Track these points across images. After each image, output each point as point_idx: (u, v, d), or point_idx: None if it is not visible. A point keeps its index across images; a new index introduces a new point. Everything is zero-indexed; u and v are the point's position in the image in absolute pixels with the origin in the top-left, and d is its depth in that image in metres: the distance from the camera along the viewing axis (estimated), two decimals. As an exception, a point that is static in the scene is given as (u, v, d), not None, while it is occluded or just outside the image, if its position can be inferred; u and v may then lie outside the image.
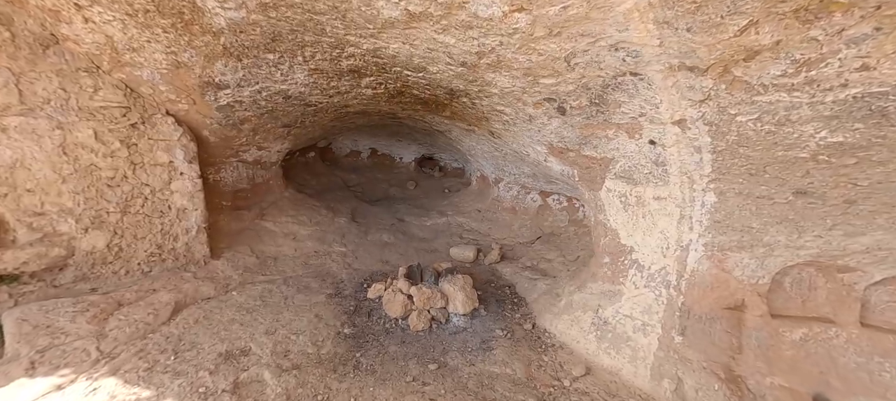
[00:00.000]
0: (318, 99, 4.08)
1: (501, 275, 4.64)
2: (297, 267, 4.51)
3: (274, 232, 5.00)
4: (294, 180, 6.74)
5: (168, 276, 3.69)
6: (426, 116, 4.97)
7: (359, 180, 8.48)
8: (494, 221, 5.96)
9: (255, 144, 4.83)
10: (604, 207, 3.00)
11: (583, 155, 2.90)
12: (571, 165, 3.17)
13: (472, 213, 6.32)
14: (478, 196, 6.70)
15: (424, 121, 5.50)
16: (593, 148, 2.77)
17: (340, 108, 4.63)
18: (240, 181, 4.88)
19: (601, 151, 2.74)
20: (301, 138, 5.70)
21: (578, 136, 2.79)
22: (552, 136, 3.00)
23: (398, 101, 4.10)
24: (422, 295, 3.51)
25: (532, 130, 3.13)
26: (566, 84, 2.29)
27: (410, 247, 5.38)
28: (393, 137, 8.76)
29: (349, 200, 6.84)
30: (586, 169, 3.00)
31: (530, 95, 2.58)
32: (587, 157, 2.89)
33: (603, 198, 2.96)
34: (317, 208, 5.80)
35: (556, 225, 5.39)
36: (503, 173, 5.76)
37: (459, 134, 5.51)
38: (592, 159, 2.87)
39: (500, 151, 4.96)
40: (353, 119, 5.66)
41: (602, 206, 3.03)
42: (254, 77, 3.52)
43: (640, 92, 2.10)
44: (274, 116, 4.37)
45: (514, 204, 5.85)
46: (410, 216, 6.46)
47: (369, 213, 6.49)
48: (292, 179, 6.80)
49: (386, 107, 4.58)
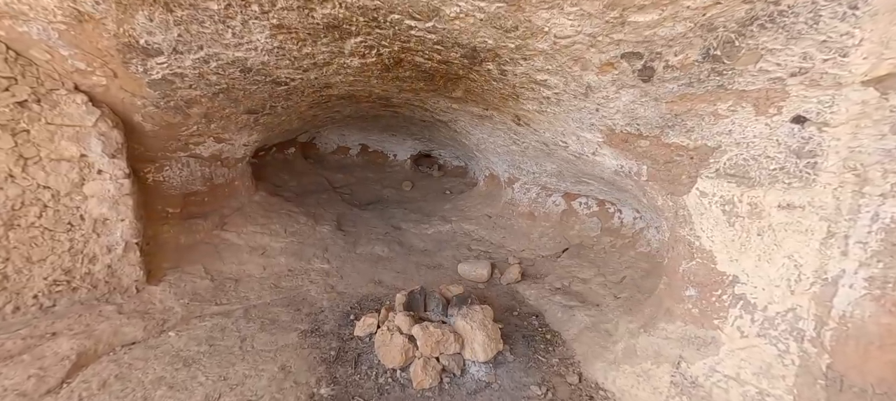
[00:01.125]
0: (288, 74, 3.16)
1: (524, 299, 3.77)
2: (264, 292, 3.59)
3: (237, 246, 4.06)
4: (269, 181, 5.80)
5: (79, 312, 2.75)
6: (429, 100, 4.08)
7: (347, 181, 7.56)
8: (509, 228, 5.09)
9: (211, 135, 3.89)
10: (690, 219, 2.15)
11: (664, 143, 2.05)
12: (639, 158, 2.31)
13: (480, 219, 5.45)
14: (487, 199, 5.83)
15: (425, 108, 4.61)
16: (685, 132, 1.92)
17: (320, 89, 3.72)
18: (192, 182, 3.94)
19: (697, 137, 1.89)
20: (274, 130, 4.78)
21: (662, 114, 1.93)
22: (617, 116, 2.14)
23: (395, 77, 3.20)
24: (428, 338, 2.62)
25: (585, 110, 2.27)
26: (675, 23, 1.43)
27: (409, 262, 4.49)
28: (386, 130, 7.86)
29: (335, 205, 5.92)
30: (666, 164, 2.15)
31: (600, 49, 1.71)
32: (671, 146, 2.03)
33: (690, 205, 2.11)
34: (294, 215, 4.87)
35: (586, 234, 4.55)
36: (520, 172, 4.90)
37: (468, 124, 4.64)
38: (679, 149, 2.01)
39: (520, 144, 4.10)
40: (337, 106, 4.75)
41: (687, 216, 2.17)
42: (195, 38, 2.60)
43: (820, 26, 1.24)
44: (232, 98, 3.44)
45: (532, 208, 4.99)
46: (408, 223, 5.57)
47: (359, 219, 5.58)
48: (266, 179, 5.86)
49: (378, 87, 3.68)
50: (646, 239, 3.69)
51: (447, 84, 3.14)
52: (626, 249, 3.87)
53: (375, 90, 3.90)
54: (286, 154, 6.85)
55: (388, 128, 7.64)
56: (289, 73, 3.16)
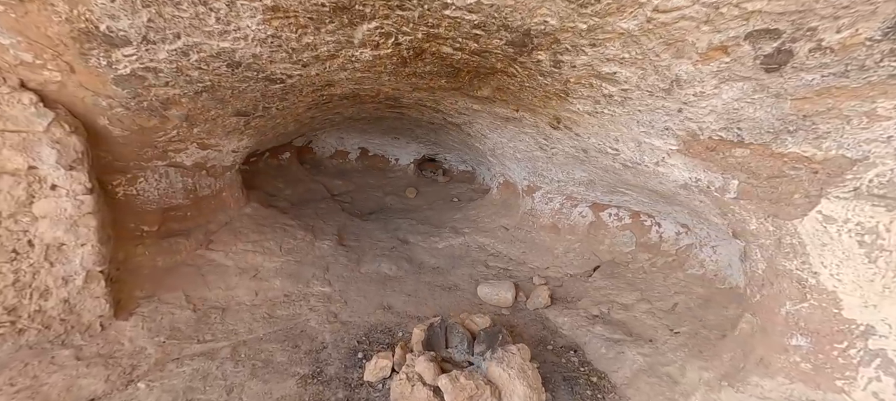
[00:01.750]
0: (284, 70, 2.69)
1: (557, 328, 3.31)
2: (256, 323, 3.10)
3: (225, 267, 3.56)
4: (261, 190, 5.30)
5: (26, 360, 2.24)
6: (445, 100, 3.62)
7: (347, 188, 7.07)
8: (529, 242, 4.63)
9: (194, 141, 3.40)
10: (804, 250, 1.70)
11: (773, 153, 1.60)
12: (729, 171, 1.86)
13: (496, 231, 4.99)
14: (502, 208, 5.37)
15: (437, 109, 4.15)
16: (812, 140, 1.47)
17: (321, 88, 3.24)
18: (172, 194, 3.43)
19: (832, 146, 1.45)
20: (268, 134, 4.29)
21: (781, 116, 1.48)
22: (710, 118, 1.69)
23: (412, 72, 2.74)
24: (459, 392, 2.15)
25: (660, 111, 1.83)
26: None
27: (421, 282, 4.01)
28: (388, 133, 7.39)
29: (335, 215, 5.43)
30: (771, 180, 1.70)
31: (717, 26, 1.26)
32: (786, 156, 1.58)
33: (806, 232, 1.66)
34: (290, 229, 4.38)
35: (618, 250, 4.10)
36: (541, 180, 4.46)
37: (486, 127, 4.18)
38: (798, 161, 1.57)
39: (548, 150, 3.65)
40: (339, 107, 4.28)
41: (797, 247, 1.72)
42: (169, 24, 2.12)
43: None
44: (218, 98, 2.96)
45: (555, 220, 4.54)
46: (416, 235, 5.09)
47: (362, 232, 5.09)
48: (259, 188, 5.36)
49: (389, 85, 3.21)
50: (697, 259, 3.26)
51: (474, 81, 2.68)
52: (671, 270, 3.43)
53: (385, 89, 3.43)
54: (281, 160, 6.36)
55: (390, 130, 7.17)
56: (285, 69, 2.68)
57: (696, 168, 1.98)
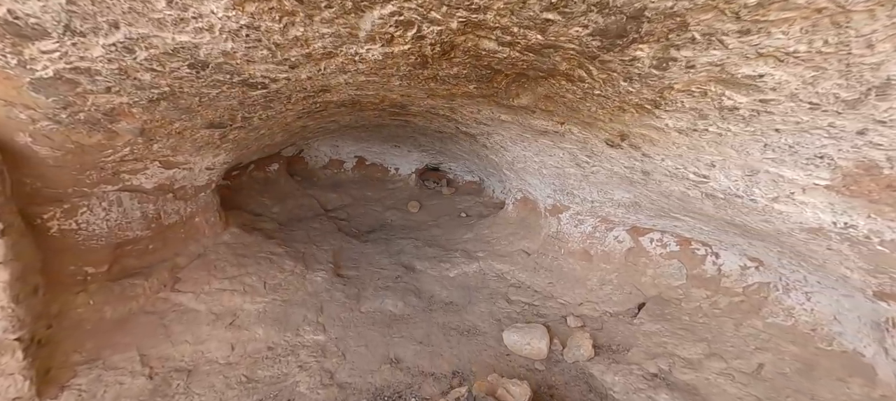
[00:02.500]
0: (267, 72, 2.08)
1: (607, 391, 2.72)
2: (230, 391, 2.47)
3: (194, 314, 2.93)
4: (243, 210, 4.66)
5: None
6: (464, 108, 3.04)
7: (342, 201, 6.45)
8: (556, 271, 4.05)
9: (155, 159, 2.77)
10: None
11: None
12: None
13: (515, 256, 4.40)
14: (519, 228, 4.79)
15: (451, 118, 3.57)
16: None
17: (314, 94, 2.65)
18: (127, 226, 2.80)
19: None
20: (250, 146, 3.67)
21: None
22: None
23: (431, 75, 2.15)
24: None
25: (822, 130, 1.28)
26: None
27: (433, 324, 3.41)
28: (388, 141, 6.79)
29: (330, 237, 4.80)
30: None
31: None
32: None
33: None
34: (277, 259, 3.75)
35: (664, 283, 3.53)
36: (571, 200, 3.89)
37: (508, 139, 3.61)
38: None
39: (585, 167, 3.08)
40: (334, 115, 3.68)
41: None
42: (101, 8, 1.53)
43: None
44: (183, 108, 2.34)
45: (586, 245, 3.97)
46: (423, 261, 4.48)
47: (361, 257, 4.48)
48: (241, 206, 4.72)
49: (398, 91, 2.62)
50: (781, 306, 2.69)
51: (512, 87, 2.10)
52: (744, 315, 2.86)
53: (392, 96, 2.83)
54: (268, 172, 5.72)
55: (391, 138, 6.57)
56: (267, 71, 2.08)
57: (853, 211, 1.43)
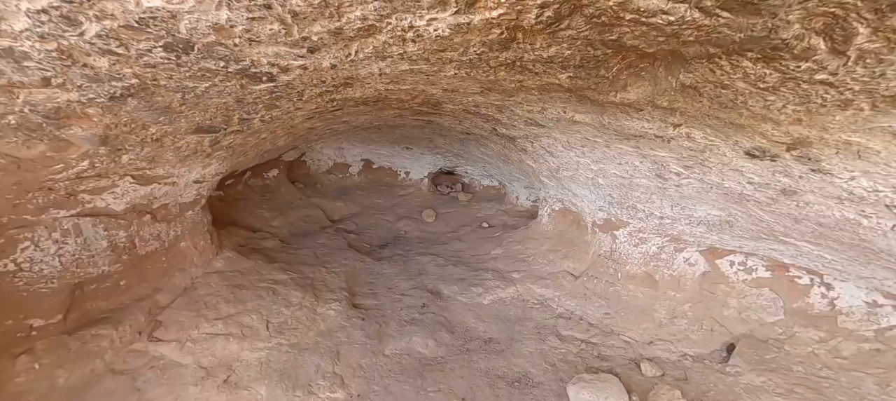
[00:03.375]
0: (278, 58, 1.49)
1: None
2: (227, 486, 1.88)
3: (179, 370, 2.33)
4: (239, 226, 4.05)
5: None
6: (525, 104, 2.45)
7: (350, 210, 5.85)
8: (613, 299, 3.48)
9: (126, 173, 2.16)
10: None
11: None
12: None
13: (559, 278, 3.82)
14: (558, 244, 4.21)
15: (494, 117, 2.98)
16: None
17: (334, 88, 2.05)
18: (89, 261, 2.18)
19: None
20: (248, 153, 3.06)
21: None
22: None
23: (510, 60, 1.56)
24: None
25: None
26: None
27: (474, 370, 2.83)
28: (399, 142, 6.19)
29: (340, 255, 4.20)
30: None
31: None
32: None
33: None
34: (281, 289, 3.15)
35: (755, 318, 2.97)
36: (632, 214, 3.31)
37: (561, 144, 3.03)
38: None
39: (670, 179, 2.50)
40: (350, 115, 3.08)
41: None
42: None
43: None
44: (160, 108, 1.74)
45: (649, 269, 3.40)
46: (450, 283, 3.90)
47: (378, 280, 3.88)
48: (237, 222, 4.11)
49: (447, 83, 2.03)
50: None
51: (626, 74, 1.51)
52: (887, 371, 2.29)
53: (432, 89, 2.24)
54: (266, 179, 5.11)
55: (403, 139, 5.97)
56: (277, 57, 1.48)
57: None
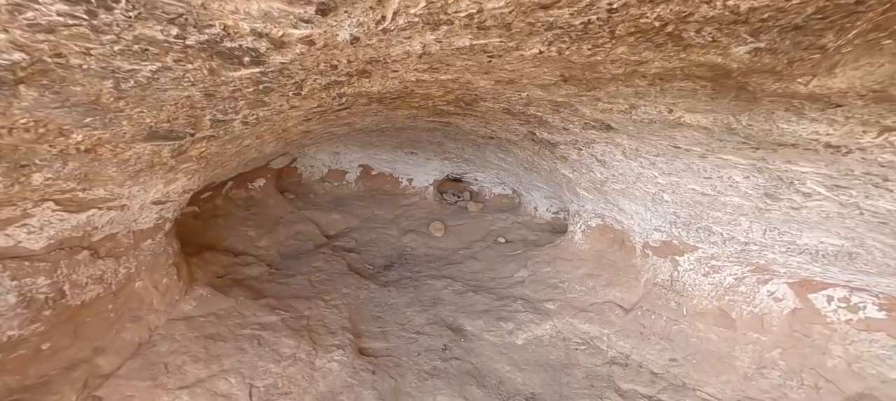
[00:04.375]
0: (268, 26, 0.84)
1: None
2: None
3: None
4: (217, 247, 3.38)
5: None
6: (600, 100, 1.86)
7: (348, 224, 5.20)
8: (679, 340, 2.90)
9: (42, 197, 1.50)
10: None
11: None
12: None
13: (604, 312, 3.24)
14: (599, 268, 3.63)
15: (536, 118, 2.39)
16: None
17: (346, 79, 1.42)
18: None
19: None
20: (227, 164, 2.41)
21: None
22: None
23: (658, 29, 0.94)
24: None
25: None
26: None
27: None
28: (403, 146, 5.57)
29: (339, 282, 3.56)
30: None
31: None
32: None
33: None
34: (269, 335, 2.50)
35: (874, 372, 2.42)
36: (702, 236, 2.75)
37: (618, 152, 2.45)
38: None
39: (781, 199, 1.94)
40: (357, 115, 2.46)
41: None
42: None
43: None
44: (81, 103, 1.09)
45: (723, 303, 2.83)
46: (473, 316, 3.29)
47: (386, 313, 3.25)
48: (213, 243, 3.44)
49: (512, 70, 1.42)
50: None
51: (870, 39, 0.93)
52: None
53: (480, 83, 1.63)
54: (251, 189, 4.43)
55: (408, 144, 5.35)
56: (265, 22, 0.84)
57: None
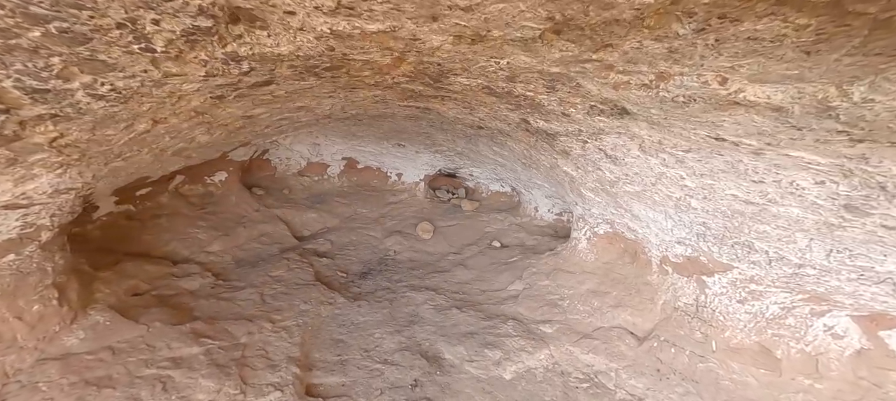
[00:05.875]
0: None
1: None
2: None
3: None
4: (150, 254, 2.87)
5: None
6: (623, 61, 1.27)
7: (324, 224, 4.69)
8: (706, 382, 2.32)
9: None
10: None
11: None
12: None
13: (613, 339, 2.66)
14: (607, 284, 3.05)
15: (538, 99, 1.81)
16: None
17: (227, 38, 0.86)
18: None
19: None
20: (130, 154, 1.87)
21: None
22: None
23: None
24: None
25: None
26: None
27: None
28: (388, 138, 5.02)
29: (298, 297, 3.03)
30: None
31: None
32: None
33: None
34: (180, 375, 1.98)
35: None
36: (740, 255, 2.15)
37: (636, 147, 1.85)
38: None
39: (856, 223, 1.32)
40: (300, 98, 1.90)
41: None
42: None
43: None
44: None
45: (765, 339, 2.24)
46: (454, 341, 2.75)
47: (350, 336, 2.72)
48: (145, 248, 2.94)
49: None
50: None
51: None
52: None
53: (432, 41, 1.05)
54: (209, 184, 3.92)
55: (393, 134, 4.80)
56: None
57: None
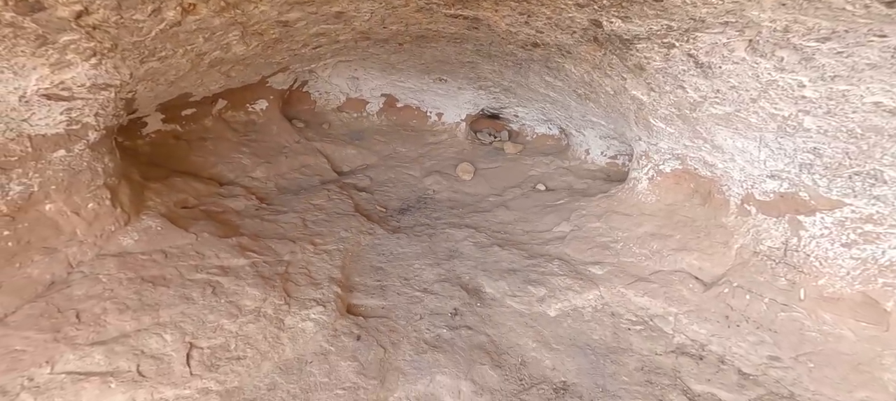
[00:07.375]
0: None
1: None
2: None
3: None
4: (198, 174, 2.92)
5: None
6: None
7: (363, 161, 4.63)
8: (786, 333, 2.06)
9: None
10: None
11: None
12: None
13: (674, 283, 2.43)
14: (668, 226, 2.76)
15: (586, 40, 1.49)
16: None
17: None
18: None
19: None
20: (168, 58, 1.80)
21: None
22: None
23: None
24: None
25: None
26: None
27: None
28: (430, 71, 4.76)
29: (339, 225, 3.01)
30: None
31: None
32: None
33: None
34: (228, 282, 2.01)
35: None
36: (858, 188, 1.79)
37: (740, 42, 1.50)
38: None
39: None
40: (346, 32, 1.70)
41: None
42: None
43: None
44: None
45: (873, 288, 1.93)
46: (495, 277, 2.64)
47: (390, 264, 2.68)
48: (193, 168, 2.99)
49: None
50: None
51: None
52: None
53: None
54: (251, 112, 3.92)
55: (435, 66, 4.53)
56: None
57: None
